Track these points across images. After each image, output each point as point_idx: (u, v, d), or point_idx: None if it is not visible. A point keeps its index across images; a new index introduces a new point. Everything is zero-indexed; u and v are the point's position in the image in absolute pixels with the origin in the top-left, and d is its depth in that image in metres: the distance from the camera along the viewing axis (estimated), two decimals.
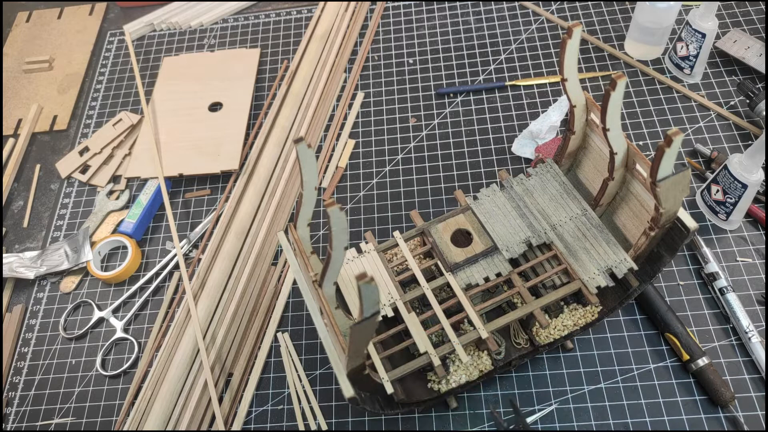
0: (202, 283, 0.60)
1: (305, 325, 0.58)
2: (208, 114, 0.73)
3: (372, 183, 0.66)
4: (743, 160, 0.52)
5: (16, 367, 0.59)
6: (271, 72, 0.78)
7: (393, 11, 0.81)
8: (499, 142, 0.66)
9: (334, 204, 0.30)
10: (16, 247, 0.68)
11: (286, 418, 0.53)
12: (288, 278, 0.61)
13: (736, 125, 0.63)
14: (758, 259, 0.55)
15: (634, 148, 0.41)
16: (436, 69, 0.74)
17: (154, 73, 0.80)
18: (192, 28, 0.84)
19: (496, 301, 0.46)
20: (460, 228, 0.49)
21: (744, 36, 0.67)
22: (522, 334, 0.49)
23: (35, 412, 0.56)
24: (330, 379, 0.54)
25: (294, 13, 0.83)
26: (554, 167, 0.50)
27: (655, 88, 0.67)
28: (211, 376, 0.54)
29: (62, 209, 0.70)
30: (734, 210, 0.54)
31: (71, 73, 0.82)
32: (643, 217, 0.44)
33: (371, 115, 0.71)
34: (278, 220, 0.65)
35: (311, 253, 0.42)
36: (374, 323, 0.31)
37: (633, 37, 0.69)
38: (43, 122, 0.78)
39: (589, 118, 0.45)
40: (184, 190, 0.69)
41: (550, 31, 0.75)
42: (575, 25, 0.38)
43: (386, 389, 0.42)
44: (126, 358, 0.58)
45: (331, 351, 0.39)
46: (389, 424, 0.51)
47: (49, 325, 0.61)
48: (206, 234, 0.64)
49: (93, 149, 0.72)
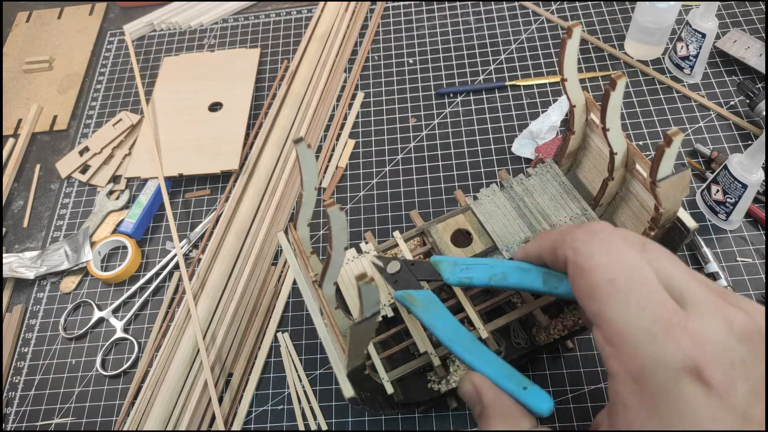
0: (202, 283, 0.60)
1: (305, 325, 0.58)
2: (208, 114, 0.73)
3: (372, 183, 0.66)
4: (743, 160, 0.52)
5: (16, 367, 0.59)
6: (271, 72, 0.78)
7: (393, 11, 0.81)
8: (499, 142, 0.66)
9: (334, 204, 0.30)
10: (16, 247, 0.68)
11: (286, 418, 0.53)
12: (288, 278, 0.61)
13: (736, 125, 0.63)
14: (758, 259, 0.55)
15: (634, 148, 0.41)
16: (436, 69, 0.74)
17: (154, 73, 0.80)
18: (192, 28, 0.84)
19: (496, 301, 0.46)
20: (460, 228, 0.49)
21: (744, 36, 0.67)
22: (522, 334, 0.49)
23: (35, 412, 0.56)
24: (330, 379, 0.54)
25: (294, 13, 0.83)
26: (554, 167, 0.50)
27: (655, 88, 0.67)
28: (211, 376, 0.54)
29: (62, 209, 0.70)
30: (734, 210, 0.54)
31: (71, 73, 0.82)
32: (643, 217, 0.44)
33: (371, 115, 0.71)
34: (278, 220, 0.65)
35: (311, 253, 0.42)
36: (374, 323, 0.31)
37: (633, 37, 0.69)
38: (43, 122, 0.78)
39: (589, 118, 0.45)
40: (184, 190, 0.69)
41: (550, 31, 0.75)
42: (575, 25, 0.38)
43: (386, 389, 0.42)
44: (126, 358, 0.58)
45: (331, 351, 0.39)
46: (389, 424, 0.51)
47: (49, 325, 0.61)
48: (206, 234, 0.64)
49: (93, 149, 0.72)
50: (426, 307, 0.38)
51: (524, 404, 0.32)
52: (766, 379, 0.25)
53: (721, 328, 0.26)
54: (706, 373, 0.24)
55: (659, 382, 0.25)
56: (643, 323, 0.26)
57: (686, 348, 0.25)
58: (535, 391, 0.32)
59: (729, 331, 0.26)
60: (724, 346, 0.25)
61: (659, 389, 0.25)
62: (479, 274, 0.38)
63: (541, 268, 0.35)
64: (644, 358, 0.26)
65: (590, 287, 0.28)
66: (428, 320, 0.37)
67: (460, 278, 0.39)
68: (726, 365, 0.25)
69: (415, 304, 0.40)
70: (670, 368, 0.25)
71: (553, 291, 0.34)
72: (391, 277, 0.44)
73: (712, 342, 0.25)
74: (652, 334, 0.26)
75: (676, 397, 0.25)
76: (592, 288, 0.28)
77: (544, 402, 0.32)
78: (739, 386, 0.25)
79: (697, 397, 0.24)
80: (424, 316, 0.39)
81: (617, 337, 0.27)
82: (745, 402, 0.24)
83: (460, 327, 0.37)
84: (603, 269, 0.28)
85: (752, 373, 0.25)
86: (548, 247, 0.33)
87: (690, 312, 0.27)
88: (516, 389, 0.33)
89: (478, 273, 0.38)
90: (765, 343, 0.26)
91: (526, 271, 0.36)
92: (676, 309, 0.27)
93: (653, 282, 0.27)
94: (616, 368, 0.27)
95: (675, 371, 0.25)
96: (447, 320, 0.37)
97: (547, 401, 0.32)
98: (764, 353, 0.26)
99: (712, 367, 0.25)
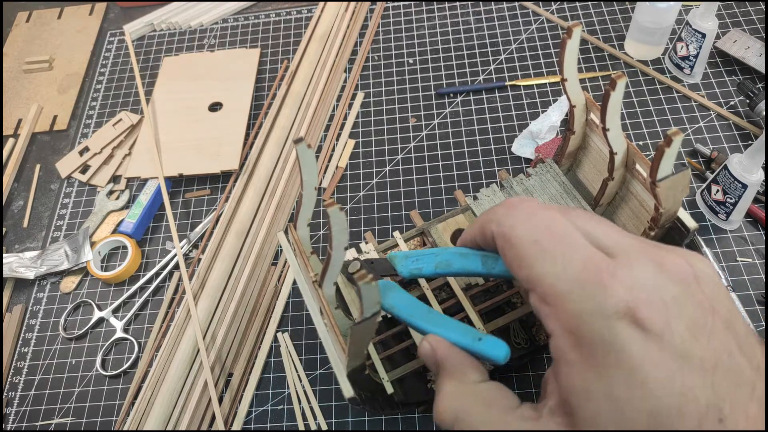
0: (202, 283, 0.60)
1: (305, 325, 0.58)
2: (208, 114, 0.73)
3: (372, 183, 0.66)
4: (743, 160, 0.52)
5: (16, 367, 0.59)
6: (271, 72, 0.78)
7: (393, 11, 0.81)
8: (499, 142, 0.66)
9: (334, 204, 0.30)
10: (16, 247, 0.68)
11: (286, 418, 0.53)
12: (288, 278, 0.61)
13: (736, 125, 0.63)
14: (758, 259, 0.55)
15: (634, 148, 0.41)
16: (436, 69, 0.74)
17: (154, 73, 0.80)
18: (192, 28, 0.84)
19: (496, 301, 0.46)
20: (460, 228, 0.49)
21: (744, 36, 0.67)
22: (522, 334, 0.49)
23: (35, 412, 0.56)
24: (330, 379, 0.54)
25: (294, 13, 0.83)
26: (554, 167, 0.50)
27: (655, 88, 0.67)
28: (211, 376, 0.54)
29: (62, 209, 0.70)
30: (734, 210, 0.54)
31: (71, 73, 0.82)
32: (643, 217, 0.44)
33: (371, 115, 0.71)
34: (278, 220, 0.65)
35: (311, 253, 0.42)
36: (374, 323, 0.31)
37: (633, 37, 0.69)
38: (43, 122, 0.78)
39: (589, 118, 0.45)
40: (184, 190, 0.69)
41: (550, 31, 0.75)
42: (575, 25, 0.38)
43: (386, 389, 0.42)
44: (126, 358, 0.58)
45: (331, 351, 0.39)
46: (389, 424, 0.51)
47: (49, 325, 0.61)
48: (206, 234, 0.64)
49: (93, 149, 0.72)
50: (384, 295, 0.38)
51: (480, 354, 0.33)
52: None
53: (650, 270, 0.26)
54: (640, 316, 0.24)
55: (595, 330, 0.25)
56: (572, 274, 0.26)
57: (617, 293, 0.25)
58: (490, 340, 0.33)
59: (659, 272, 0.26)
60: (656, 286, 0.25)
61: (596, 338, 0.25)
62: (427, 263, 0.39)
63: (479, 252, 0.36)
64: (577, 309, 0.25)
65: (517, 254, 0.29)
66: (387, 304, 0.37)
67: (411, 270, 0.39)
68: (659, 306, 0.24)
69: None
70: (603, 315, 0.25)
71: (491, 272, 0.35)
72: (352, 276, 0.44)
73: (644, 285, 0.25)
74: (582, 284, 0.26)
75: (613, 344, 0.24)
76: (520, 254, 0.29)
77: (499, 349, 0.33)
78: (674, 325, 0.24)
79: (633, 341, 0.24)
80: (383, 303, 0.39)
81: (550, 294, 0.27)
82: (681, 341, 0.24)
83: (416, 302, 0.37)
84: (526, 234, 0.29)
85: (687, 312, 0.25)
86: (478, 229, 0.34)
87: (619, 260, 0.26)
88: (471, 342, 0.33)
89: (425, 263, 0.39)
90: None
91: (465, 256, 0.36)
92: (604, 257, 0.26)
93: (577, 236, 0.28)
94: (553, 325, 0.27)
95: (608, 317, 0.24)
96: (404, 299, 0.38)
97: (503, 348, 0.33)
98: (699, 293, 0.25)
99: (645, 308, 0.24)
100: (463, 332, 0.34)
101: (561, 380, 0.27)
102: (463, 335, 0.34)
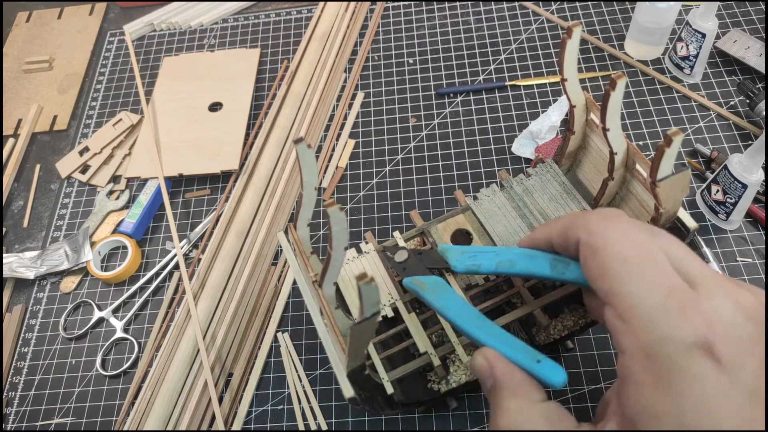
0: (202, 283, 0.60)
1: (305, 325, 0.58)
2: (208, 114, 0.73)
3: (372, 183, 0.66)
4: (743, 160, 0.52)
5: (16, 367, 0.59)
6: (271, 72, 0.78)
7: (393, 11, 0.81)
8: (499, 142, 0.66)
9: (334, 204, 0.30)
10: (16, 247, 0.68)
11: (286, 418, 0.53)
12: (288, 278, 0.61)
13: (736, 125, 0.63)
14: (758, 259, 0.55)
15: (634, 148, 0.41)
16: (436, 69, 0.74)
17: (154, 73, 0.80)
18: (192, 28, 0.84)
19: (496, 301, 0.46)
20: (460, 228, 0.49)
21: (744, 36, 0.67)
22: (522, 334, 0.49)
23: (35, 412, 0.56)
24: (330, 379, 0.54)
25: (294, 13, 0.83)
26: (554, 167, 0.50)
27: (655, 88, 0.67)
28: (211, 376, 0.54)
29: (62, 209, 0.70)
30: (734, 210, 0.54)
31: (71, 73, 0.82)
32: (643, 217, 0.44)
33: (371, 115, 0.71)
34: (278, 220, 0.65)
35: (311, 253, 0.42)
36: (374, 323, 0.31)
37: (633, 37, 0.69)
38: (43, 122, 0.78)
39: (589, 118, 0.45)
40: (184, 190, 0.69)
41: (550, 31, 0.75)
42: (575, 25, 0.38)
43: (386, 389, 0.42)
44: (126, 358, 0.58)
45: (331, 351, 0.39)
46: (389, 424, 0.51)
47: (49, 325, 0.61)
48: (206, 234, 0.64)
49: (93, 149, 0.72)
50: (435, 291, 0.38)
51: (538, 377, 0.32)
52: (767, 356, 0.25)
53: (729, 307, 0.27)
54: (717, 349, 0.25)
55: (670, 355, 0.25)
56: (656, 299, 0.27)
57: (698, 324, 0.26)
58: (549, 363, 0.32)
59: (737, 310, 0.27)
60: (734, 323, 0.26)
61: (670, 363, 0.25)
62: (486, 261, 0.38)
63: (548, 254, 0.36)
64: (656, 332, 0.26)
65: (603, 265, 0.29)
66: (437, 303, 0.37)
67: (467, 266, 0.39)
68: (735, 342, 0.25)
69: (424, 289, 0.40)
70: (681, 343, 0.25)
71: (560, 276, 0.35)
72: (399, 265, 0.44)
73: (723, 320, 0.26)
74: (666, 310, 0.26)
75: (687, 371, 0.25)
76: (605, 266, 0.29)
77: (557, 374, 0.32)
78: (747, 362, 0.25)
79: (707, 372, 0.25)
80: (433, 300, 0.39)
81: (629, 312, 0.27)
82: (753, 378, 0.25)
83: (469, 307, 0.37)
84: (616, 249, 0.29)
85: (759, 351, 0.26)
86: (559, 231, 0.34)
87: (700, 291, 0.27)
88: (530, 363, 0.33)
89: (485, 260, 0.38)
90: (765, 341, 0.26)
91: (533, 258, 0.36)
92: (687, 288, 0.27)
93: (664, 263, 0.28)
94: (627, 343, 0.27)
95: (686, 346, 0.25)
96: (456, 301, 0.37)
97: (561, 373, 0.32)
98: None
99: (722, 343, 0.25)
100: (522, 351, 0.33)
101: (629, 400, 0.27)
102: (522, 355, 0.33)
